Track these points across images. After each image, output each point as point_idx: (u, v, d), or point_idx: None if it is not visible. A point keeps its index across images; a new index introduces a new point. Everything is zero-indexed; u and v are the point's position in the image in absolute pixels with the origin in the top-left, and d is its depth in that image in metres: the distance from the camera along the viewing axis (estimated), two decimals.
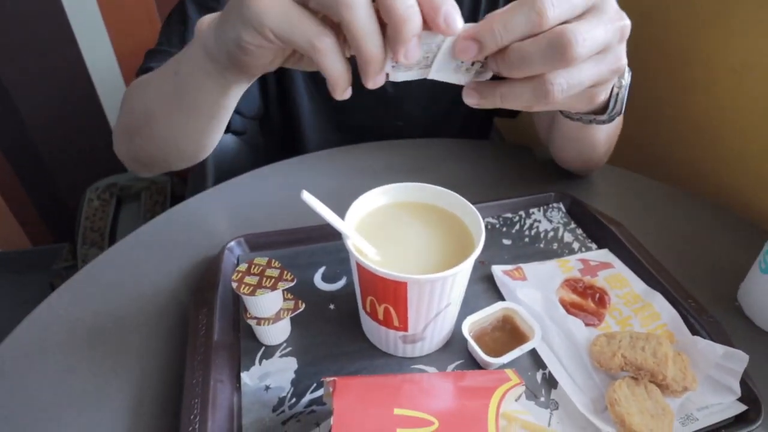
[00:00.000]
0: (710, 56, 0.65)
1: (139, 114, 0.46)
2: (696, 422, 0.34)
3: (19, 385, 0.36)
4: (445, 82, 0.31)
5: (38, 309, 0.42)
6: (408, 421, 0.27)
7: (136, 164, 0.53)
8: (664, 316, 0.40)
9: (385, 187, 0.37)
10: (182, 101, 0.40)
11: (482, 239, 0.32)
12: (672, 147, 0.73)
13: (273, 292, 0.34)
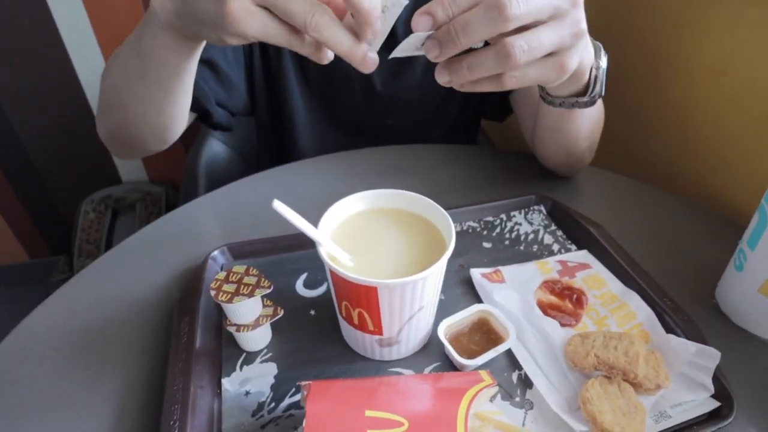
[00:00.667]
0: (689, 58, 0.66)
1: (111, 89, 0.47)
2: (669, 419, 0.34)
3: (7, 391, 0.37)
4: (434, 83, 0.33)
5: (30, 317, 0.43)
6: (378, 423, 0.28)
7: (116, 145, 0.53)
8: (640, 315, 0.41)
9: (360, 194, 0.37)
10: (146, 77, 0.41)
11: (452, 243, 0.33)
12: (653, 147, 0.74)
13: (250, 299, 0.35)
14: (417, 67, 0.64)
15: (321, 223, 0.35)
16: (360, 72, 0.64)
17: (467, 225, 0.52)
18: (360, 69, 0.31)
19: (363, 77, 0.64)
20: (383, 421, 0.28)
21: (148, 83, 0.42)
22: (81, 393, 0.36)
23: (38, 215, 1.42)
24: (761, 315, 0.41)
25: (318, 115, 0.68)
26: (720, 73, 0.62)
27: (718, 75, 0.63)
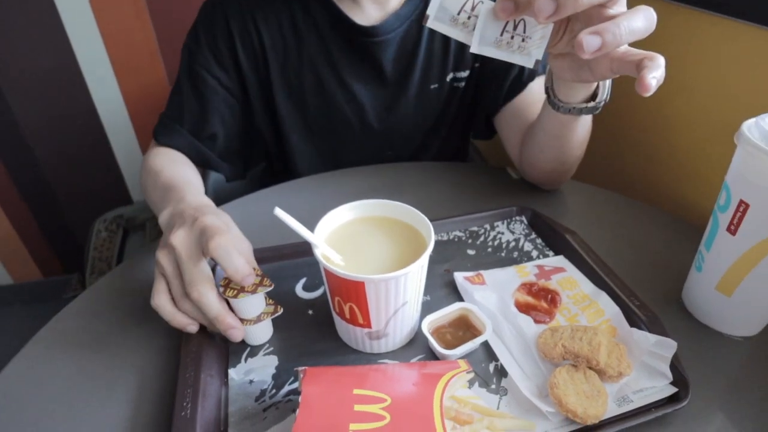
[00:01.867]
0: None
1: (150, 200, 0.58)
2: (631, 403, 0.38)
3: (38, 382, 0.41)
4: (425, 112, 0.38)
5: (55, 318, 0.47)
6: (364, 399, 0.32)
7: None
8: (608, 312, 0.44)
9: (351, 203, 0.42)
10: None
11: (431, 245, 0.37)
12: (631, 160, 0.78)
13: (254, 296, 0.39)
14: (409, 100, 0.69)
15: (317, 228, 0.40)
16: (358, 114, 0.71)
17: (454, 234, 0.56)
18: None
19: (360, 118, 0.70)
20: (369, 398, 0.32)
21: None
22: (103, 384, 0.41)
23: (53, 235, 1.47)
24: (719, 311, 0.44)
25: (320, 156, 0.73)
26: (687, 90, 0.68)
27: (688, 92, 0.68)
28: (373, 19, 0.64)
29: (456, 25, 0.37)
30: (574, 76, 0.45)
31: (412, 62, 0.66)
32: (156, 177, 0.57)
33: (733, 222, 0.40)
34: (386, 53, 0.65)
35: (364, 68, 0.66)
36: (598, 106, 0.49)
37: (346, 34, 0.64)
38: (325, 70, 0.66)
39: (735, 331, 0.45)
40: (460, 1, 0.37)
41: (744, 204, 0.39)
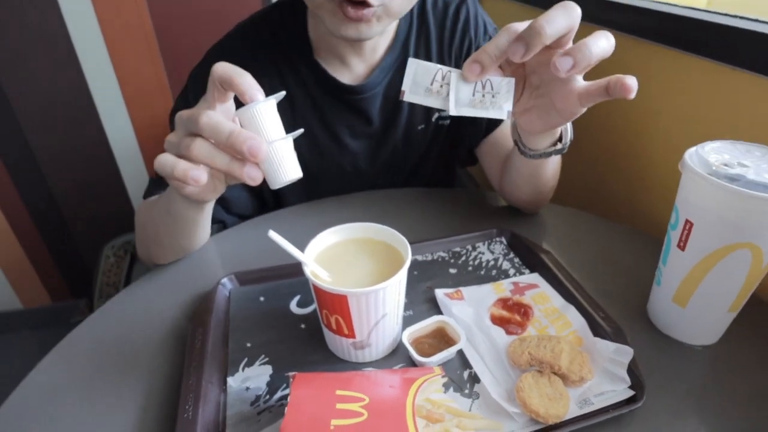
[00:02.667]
0: (634, 103, 0.77)
1: (150, 237, 0.62)
2: (592, 405, 0.41)
3: (52, 394, 0.45)
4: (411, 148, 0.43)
5: (69, 336, 0.52)
6: (345, 399, 0.36)
7: (151, 262, 0.65)
8: (575, 324, 0.48)
9: (337, 227, 0.47)
10: (176, 227, 0.57)
11: (407, 263, 0.42)
12: (609, 185, 0.83)
13: (266, 103, 0.40)
14: (397, 141, 0.74)
15: (306, 249, 0.44)
16: (350, 161, 0.76)
17: (437, 255, 0.61)
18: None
19: (352, 164, 0.75)
20: (349, 398, 0.36)
21: (176, 231, 0.58)
22: (112, 393, 0.45)
23: (63, 260, 1.53)
24: (676, 321, 0.48)
25: (310, 194, 0.76)
26: (656, 114, 0.73)
27: (655, 115, 0.73)
28: (358, 73, 0.69)
29: (431, 94, 0.42)
30: (544, 124, 0.50)
31: (397, 108, 0.72)
32: (151, 205, 0.61)
33: (681, 239, 0.44)
34: (373, 106, 0.70)
35: (354, 121, 0.71)
36: (564, 147, 0.55)
37: (335, 93, 0.69)
38: (318, 127, 0.71)
39: (693, 340, 0.48)
40: (430, 74, 0.42)
41: (689, 223, 0.43)
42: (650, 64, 0.73)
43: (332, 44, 0.66)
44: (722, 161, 0.41)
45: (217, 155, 0.41)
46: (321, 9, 0.56)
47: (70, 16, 1.16)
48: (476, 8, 0.73)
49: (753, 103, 0.59)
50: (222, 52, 0.69)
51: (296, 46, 0.68)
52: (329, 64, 0.68)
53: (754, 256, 0.41)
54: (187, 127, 0.42)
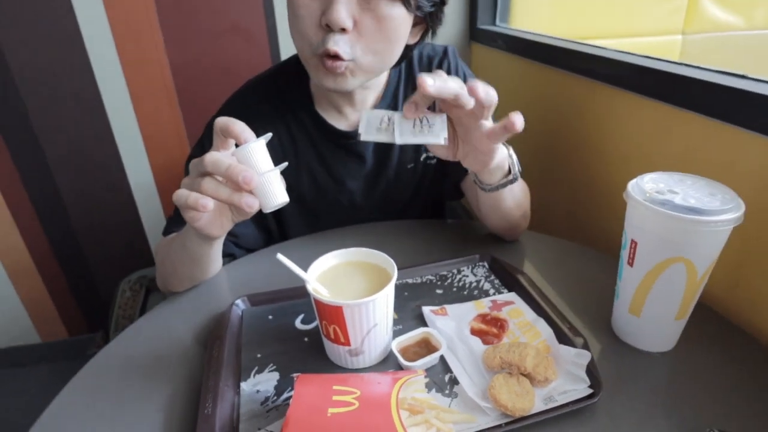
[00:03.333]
0: (606, 146, 0.85)
1: (168, 270, 0.70)
2: (555, 402, 0.47)
3: (90, 400, 0.52)
4: (403, 186, 0.52)
5: (95, 359, 0.59)
6: (341, 392, 0.43)
7: (168, 291, 0.73)
8: (544, 334, 0.55)
9: (335, 252, 0.55)
10: (192, 260, 0.66)
11: (394, 280, 0.49)
12: (576, 213, 0.91)
13: (257, 143, 0.50)
14: (389, 179, 0.83)
15: (309, 270, 0.52)
16: (347, 197, 0.84)
17: (426, 278, 0.68)
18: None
19: (349, 200, 0.83)
20: (344, 392, 0.43)
21: (191, 263, 0.67)
22: (141, 396, 0.52)
23: (81, 294, 1.61)
24: (634, 330, 0.55)
25: (311, 227, 0.84)
26: (626, 159, 0.81)
27: (627, 161, 0.82)
28: (352, 121, 0.78)
29: (381, 132, 0.54)
30: (480, 164, 0.61)
31: (389, 150, 0.81)
32: (170, 242, 0.70)
33: (630, 256, 0.52)
34: (367, 148, 0.80)
35: (350, 162, 0.81)
36: (515, 178, 0.65)
37: (333, 138, 0.78)
38: (319, 169, 0.80)
39: (650, 347, 0.55)
40: (378, 118, 0.54)
41: (634, 242, 0.51)
42: (610, 106, 0.83)
43: (329, 96, 0.76)
44: (656, 189, 0.49)
45: (220, 187, 0.50)
46: (308, 64, 0.67)
47: (101, 73, 1.29)
48: (456, 60, 0.84)
49: (696, 141, 0.67)
50: (235, 105, 0.79)
51: (299, 99, 0.78)
52: (327, 113, 0.78)
53: (688, 269, 0.48)
54: (197, 168, 0.52)
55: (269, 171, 0.51)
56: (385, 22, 0.61)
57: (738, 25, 1.61)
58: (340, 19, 0.58)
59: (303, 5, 0.61)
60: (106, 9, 1.22)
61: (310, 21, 0.61)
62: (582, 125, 0.93)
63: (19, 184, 1.38)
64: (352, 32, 0.61)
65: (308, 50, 0.64)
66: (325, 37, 0.61)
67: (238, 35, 1.33)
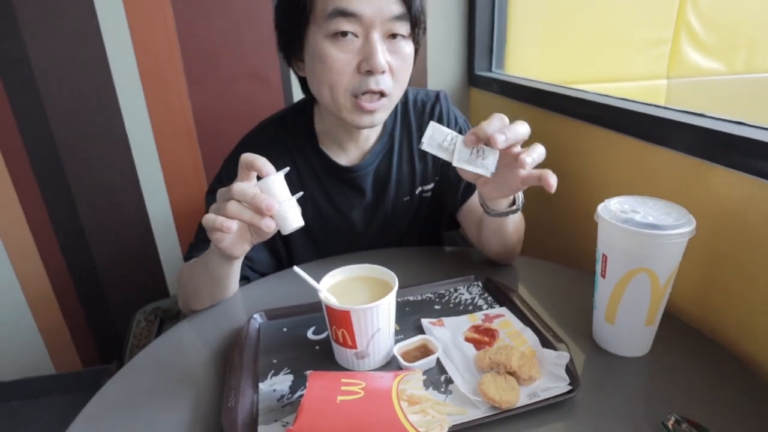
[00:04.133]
0: (594, 180, 0.93)
1: (191, 290, 0.77)
2: (538, 397, 0.54)
3: (124, 406, 0.59)
4: (401, 217, 0.59)
5: (137, 358, 0.66)
6: (348, 384, 0.49)
7: (189, 311, 0.80)
8: (530, 340, 0.61)
9: (343, 267, 0.62)
10: (213, 280, 0.73)
11: (395, 290, 0.57)
12: (564, 238, 0.98)
13: (277, 176, 0.58)
14: (387, 210, 0.91)
15: (320, 282, 0.59)
16: (348, 226, 0.92)
17: (426, 296, 0.75)
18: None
19: (350, 228, 0.91)
20: (350, 383, 0.49)
21: (212, 282, 0.74)
22: (171, 401, 0.58)
23: (97, 326, 1.67)
24: (609, 337, 0.61)
25: (316, 254, 0.92)
26: (602, 186, 0.89)
27: (601, 187, 0.90)
28: (353, 157, 0.88)
29: (441, 149, 0.61)
30: (498, 194, 0.68)
31: (386, 184, 0.90)
32: (192, 266, 0.78)
33: (602, 269, 0.59)
34: (367, 182, 0.88)
35: (351, 194, 0.89)
36: (518, 208, 0.72)
37: (336, 173, 0.87)
38: (323, 201, 0.89)
39: (626, 352, 0.61)
40: (443, 135, 0.61)
41: (605, 256, 0.58)
42: (590, 141, 0.91)
43: (334, 134, 0.85)
44: (621, 209, 0.57)
45: (244, 211, 0.57)
46: (342, 107, 0.74)
47: (129, 115, 1.41)
48: (447, 104, 0.92)
49: (659, 169, 0.75)
50: (249, 143, 0.89)
51: (305, 138, 0.87)
52: (330, 150, 0.87)
53: (651, 278, 0.55)
54: (224, 195, 0.60)
55: (287, 200, 0.59)
56: (407, 58, 0.74)
57: (719, 71, 1.72)
58: (381, 65, 0.69)
59: (336, 59, 0.70)
60: (136, 57, 1.36)
61: (346, 69, 0.70)
62: (566, 159, 1.01)
63: (46, 217, 1.47)
64: (387, 71, 0.72)
65: (344, 94, 0.72)
66: (363, 79, 0.71)
67: (255, 81, 1.45)
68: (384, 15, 0.68)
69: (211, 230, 0.60)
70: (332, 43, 0.70)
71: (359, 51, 0.70)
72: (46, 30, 1.29)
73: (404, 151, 0.90)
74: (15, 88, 1.33)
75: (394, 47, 0.72)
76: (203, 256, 0.74)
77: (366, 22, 0.68)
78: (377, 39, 0.69)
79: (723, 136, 0.63)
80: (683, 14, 1.59)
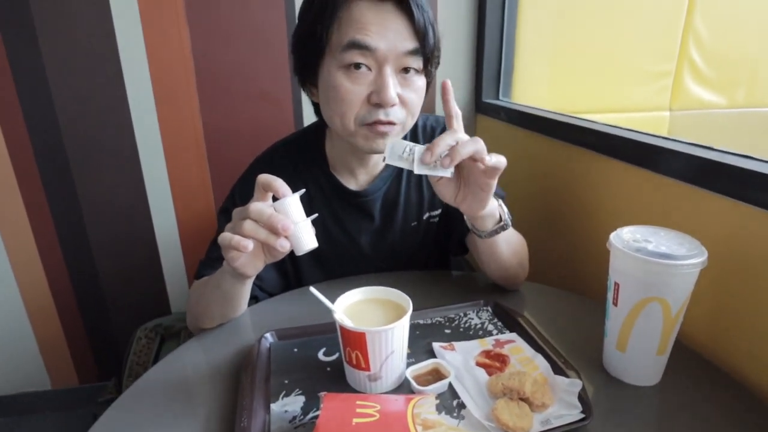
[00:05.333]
0: (599, 206, 0.95)
1: (202, 307, 0.77)
2: (551, 424, 0.54)
3: (132, 421, 0.58)
4: (409, 239, 0.61)
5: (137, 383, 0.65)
6: (363, 406, 0.49)
7: (198, 330, 0.80)
8: (542, 367, 0.62)
9: (358, 289, 0.63)
10: (225, 299, 0.74)
11: (409, 312, 0.57)
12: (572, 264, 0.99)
13: (293, 197, 0.59)
14: (395, 235, 0.92)
15: (335, 303, 0.60)
16: (356, 249, 0.93)
17: (435, 320, 0.75)
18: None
19: (358, 251, 0.92)
20: (366, 405, 0.50)
21: (224, 301, 0.74)
22: (182, 413, 0.58)
23: (96, 342, 1.65)
24: (620, 365, 0.62)
25: (322, 269, 0.93)
26: (611, 216, 0.90)
27: (610, 216, 0.91)
28: (362, 182, 0.89)
29: (402, 160, 0.63)
30: (478, 202, 0.68)
31: (394, 209, 0.91)
32: (203, 284, 0.78)
33: (614, 297, 0.59)
34: (375, 206, 0.90)
35: (360, 218, 0.90)
36: (506, 225, 0.73)
37: (345, 197, 0.88)
38: (332, 224, 0.90)
39: (637, 381, 0.61)
40: (401, 147, 0.63)
41: (617, 284, 0.59)
42: (598, 171, 0.93)
43: (344, 160, 0.86)
44: (633, 239, 0.58)
45: (259, 230, 0.58)
46: (355, 134, 0.75)
47: (140, 131, 1.43)
48: None
49: (670, 201, 0.76)
50: (262, 164, 0.90)
51: (316, 162, 0.89)
52: (340, 174, 0.88)
53: (664, 307, 0.55)
54: (240, 214, 0.60)
55: (302, 221, 0.60)
56: (418, 91, 0.75)
57: (721, 104, 1.76)
58: (391, 99, 0.71)
59: (349, 91, 0.72)
60: (151, 75, 1.38)
61: (357, 100, 0.72)
62: (575, 187, 1.03)
63: (52, 227, 1.48)
64: (398, 103, 0.73)
65: (355, 123, 0.74)
66: (372, 110, 0.72)
67: (266, 101, 1.48)
68: (398, 50, 0.70)
69: (226, 248, 0.61)
70: (345, 75, 0.72)
71: (371, 83, 0.72)
72: (65, 47, 1.32)
73: (413, 177, 0.91)
74: (30, 100, 1.35)
75: (406, 81, 0.73)
76: (216, 274, 0.74)
77: (380, 57, 0.70)
78: (389, 73, 0.71)
79: (731, 169, 0.65)
80: (686, 48, 1.64)
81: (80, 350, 1.66)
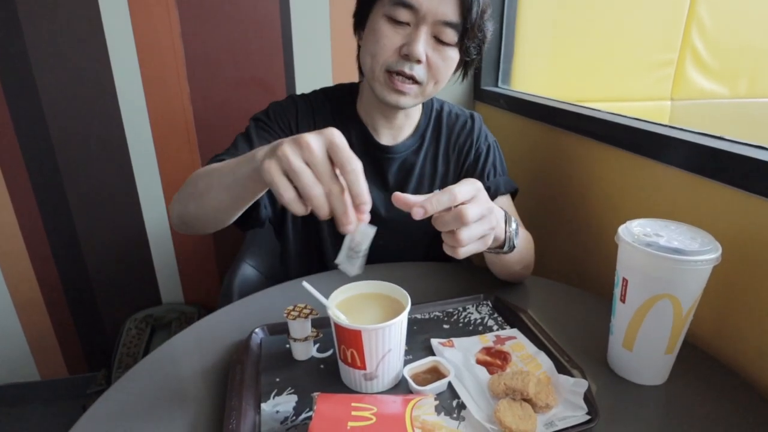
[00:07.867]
0: (600, 201, 0.92)
1: (201, 187, 0.66)
2: (555, 426, 0.51)
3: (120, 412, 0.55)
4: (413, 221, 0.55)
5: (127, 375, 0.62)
6: (359, 409, 0.47)
7: (182, 224, 0.74)
8: (545, 365, 0.59)
9: (352, 284, 0.60)
10: (231, 186, 0.61)
11: (407, 309, 0.54)
12: (576, 259, 0.96)
13: (306, 320, 0.59)
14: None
15: (330, 297, 0.57)
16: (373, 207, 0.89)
17: (434, 314, 0.73)
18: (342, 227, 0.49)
19: (373, 206, 0.87)
20: (362, 408, 0.47)
21: (231, 191, 0.62)
22: (166, 422, 0.55)
23: (85, 333, 1.62)
24: (627, 364, 0.59)
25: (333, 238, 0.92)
26: (616, 208, 0.88)
27: (615, 209, 0.88)
28: (386, 142, 0.91)
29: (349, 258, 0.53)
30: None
31: (408, 177, 0.92)
32: (214, 166, 0.67)
33: (622, 293, 0.57)
34: (391, 167, 0.91)
35: (374, 175, 0.91)
36: (510, 249, 0.68)
37: (368, 149, 0.89)
38: None
39: (643, 380, 0.59)
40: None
41: (625, 280, 0.56)
42: (602, 160, 0.90)
43: (371, 115, 0.89)
44: (643, 233, 0.55)
45: (315, 187, 0.47)
46: (376, 80, 0.79)
47: (129, 117, 1.39)
48: (480, 122, 0.97)
49: (679, 192, 0.74)
50: (305, 101, 0.90)
51: (348, 113, 0.91)
52: (369, 127, 0.90)
53: (674, 305, 0.53)
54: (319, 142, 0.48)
55: (306, 341, 0.61)
56: (448, 61, 0.79)
57: (722, 94, 1.73)
58: (419, 54, 0.75)
59: (386, 36, 0.76)
60: (139, 61, 1.34)
61: (391, 46, 0.76)
62: (577, 177, 1.00)
63: (38, 217, 1.44)
64: (424, 63, 0.77)
65: (381, 68, 0.78)
66: (400, 61, 0.76)
67: (258, 86, 1.43)
68: (437, 15, 0.74)
69: (282, 188, 0.48)
70: (387, 23, 0.76)
71: (406, 36, 0.76)
72: (48, 32, 1.27)
73: (430, 152, 0.94)
74: (14, 88, 1.30)
75: (438, 47, 0.77)
76: (235, 159, 0.63)
77: (420, 15, 0.74)
78: (423, 31, 0.75)
79: (743, 160, 0.62)
80: (689, 38, 1.60)
81: (69, 341, 1.62)
